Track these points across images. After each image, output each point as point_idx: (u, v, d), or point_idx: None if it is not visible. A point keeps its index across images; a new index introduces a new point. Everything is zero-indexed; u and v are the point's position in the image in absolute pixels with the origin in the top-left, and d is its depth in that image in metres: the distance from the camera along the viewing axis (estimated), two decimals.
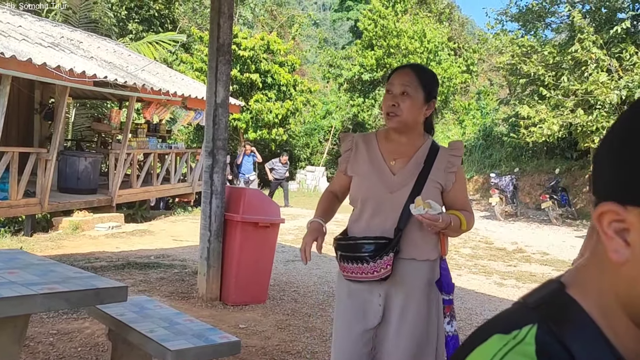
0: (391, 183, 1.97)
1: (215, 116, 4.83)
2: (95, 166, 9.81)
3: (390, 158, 2.02)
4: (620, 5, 12.63)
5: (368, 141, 2.08)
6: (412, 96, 1.94)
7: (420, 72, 1.99)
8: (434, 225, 1.83)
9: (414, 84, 1.94)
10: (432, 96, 1.98)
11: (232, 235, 4.96)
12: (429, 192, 1.93)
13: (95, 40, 12.01)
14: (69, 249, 7.23)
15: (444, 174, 1.98)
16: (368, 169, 2.02)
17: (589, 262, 0.62)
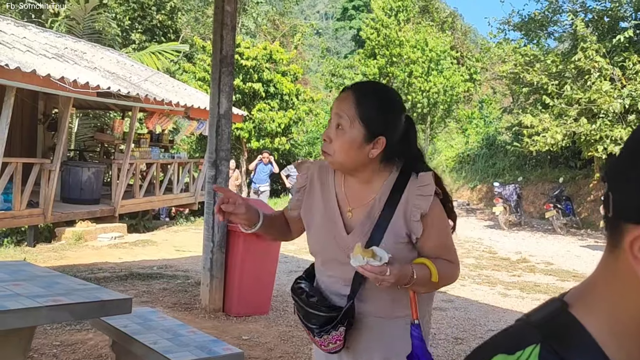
0: (345, 242, 1.54)
1: (218, 127, 4.84)
2: (98, 176, 9.82)
3: (347, 206, 1.58)
4: (623, 14, 12.65)
5: (324, 177, 1.63)
6: (347, 132, 1.46)
7: (364, 99, 1.48)
8: (380, 280, 1.39)
9: (350, 114, 1.46)
10: (378, 133, 1.47)
11: (235, 246, 4.95)
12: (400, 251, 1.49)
13: (98, 51, 12.08)
14: (72, 260, 7.23)
15: (409, 223, 1.50)
16: (320, 220, 1.61)
17: (597, 282, 0.62)
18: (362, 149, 1.47)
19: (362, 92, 1.50)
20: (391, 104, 1.51)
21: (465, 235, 11.85)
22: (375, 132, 1.46)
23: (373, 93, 1.53)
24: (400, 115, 1.53)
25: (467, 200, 16.88)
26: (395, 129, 1.50)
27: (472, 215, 15.39)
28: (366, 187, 1.56)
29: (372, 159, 1.49)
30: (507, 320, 5.32)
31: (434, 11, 24.74)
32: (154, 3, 19.69)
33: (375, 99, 1.50)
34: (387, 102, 1.50)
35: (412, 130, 1.56)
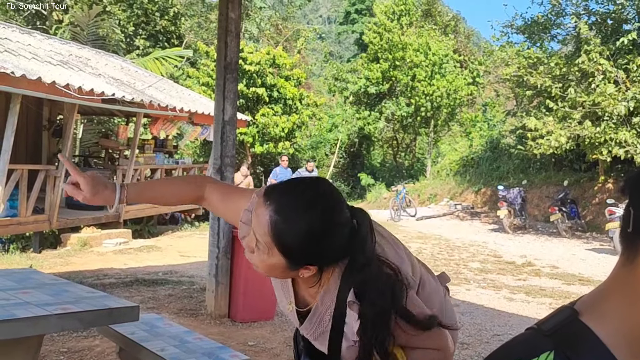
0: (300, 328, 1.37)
1: (223, 133, 4.85)
2: None
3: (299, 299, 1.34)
4: (626, 17, 12.65)
5: None
6: (266, 257, 1.17)
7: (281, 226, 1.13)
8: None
9: (267, 241, 1.15)
10: (304, 263, 1.17)
11: (240, 252, 4.96)
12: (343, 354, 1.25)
13: (103, 57, 12.13)
14: (78, 266, 7.25)
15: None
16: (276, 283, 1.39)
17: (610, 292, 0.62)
18: (288, 273, 1.21)
19: (281, 214, 1.13)
20: (322, 225, 1.14)
21: (469, 239, 11.84)
22: (299, 263, 1.17)
23: (296, 216, 1.14)
24: (336, 232, 1.16)
25: (472, 203, 16.86)
26: (329, 252, 1.18)
27: (476, 218, 15.37)
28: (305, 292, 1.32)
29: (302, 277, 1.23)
30: (513, 324, 5.31)
31: (437, 15, 24.75)
32: (157, 9, 19.78)
33: (298, 225, 1.13)
34: (316, 226, 1.13)
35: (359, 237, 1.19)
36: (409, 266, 1.30)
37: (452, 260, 9.06)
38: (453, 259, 9.20)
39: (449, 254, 9.80)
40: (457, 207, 16.33)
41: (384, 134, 22.54)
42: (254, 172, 18.80)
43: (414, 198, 16.84)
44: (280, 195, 1.17)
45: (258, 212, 1.16)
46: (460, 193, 17.64)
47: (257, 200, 1.20)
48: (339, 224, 1.16)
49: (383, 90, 20.70)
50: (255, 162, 19.31)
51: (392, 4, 21.90)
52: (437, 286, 1.44)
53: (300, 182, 1.22)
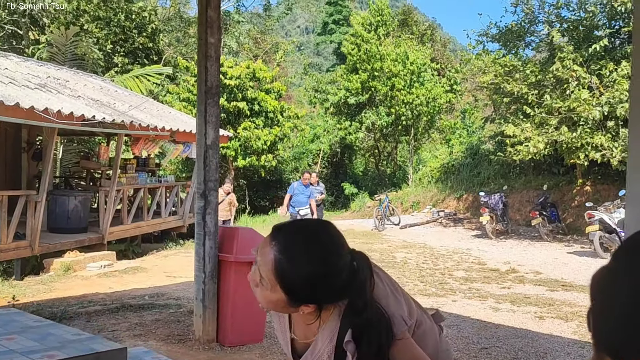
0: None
1: (205, 158, 4.87)
2: (85, 204, 9.78)
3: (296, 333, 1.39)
4: (597, 24, 12.93)
5: None
6: (269, 293, 1.23)
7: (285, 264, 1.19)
8: None
9: (270, 277, 1.21)
10: (305, 302, 1.23)
11: (226, 275, 4.96)
12: None
13: (81, 78, 12.06)
14: (61, 292, 7.17)
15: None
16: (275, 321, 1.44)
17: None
18: (289, 309, 1.26)
19: (285, 254, 1.19)
20: (324, 268, 1.20)
21: (453, 246, 11.95)
22: (299, 301, 1.22)
23: (299, 257, 1.20)
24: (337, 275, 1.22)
25: (454, 210, 17.01)
26: (329, 293, 1.23)
27: (459, 225, 15.51)
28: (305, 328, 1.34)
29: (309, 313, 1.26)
30: (500, 336, 5.38)
31: (413, 24, 25.03)
32: (135, 26, 19.72)
33: (301, 266, 1.19)
34: (318, 269, 1.20)
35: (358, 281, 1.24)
36: (405, 307, 1.33)
37: (437, 270, 9.14)
38: (438, 269, 9.28)
39: (434, 263, 9.88)
40: (440, 214, 16.46)
41: (365, 143, 22.69)
42: (237, 185, 18.78)
43: (397, 206, 16.95)
44: (285, 236, 1.23)
45: (264, 250, 1.23)
46: (443, 200, 17.79)
47: (265, 239, 1.26)
48: (340, 268, 1.22)
49: (363, 100, 20.85)
50: (239, 176, 19.29)
51: (368, 15, 22.11)
52: (432, 325, 1.47)
53: (305, 225, 1.33)
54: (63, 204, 9.44)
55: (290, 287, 1.20)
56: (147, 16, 19.93)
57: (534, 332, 5.59)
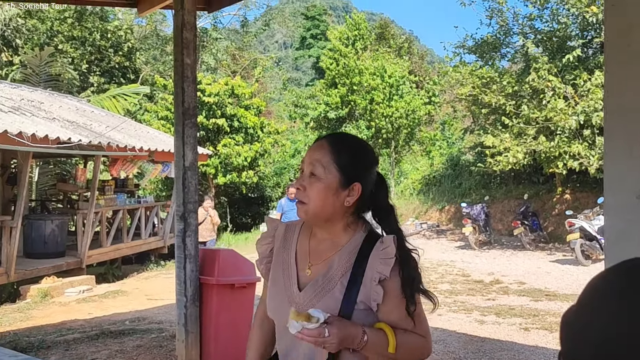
0: (295, 300, 1.44)
1: (184, 179, 4.78)
2: (62, 228, 9.57)
3: (305, 263, 1.49)
4: (570, 34, 13.17)
5: (289, 234, 1.56)
6: (322, 178, 1.43)
7: (339, 146, 1.47)
8: (321, 343, 1.30)
9: (325, 162, 1.44)
10: (354, 179, 1.44)
11: (208, 298, 4.87)
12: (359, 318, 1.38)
13: (56, 100, 11.88)
14: (39, 320, 6.98)
15: (369, 288, 1.39)
16: (278, 276, 1.52)
17: None
18: (338, 196, 1.43)
19: (336, 140, 1.50)
20: (366, 153, 1.51)
21: (437, 258, 11.95)
22: (351, 178, 1.44)
23: (348, 142, 1.53)
24: (373, 166, 1.52)
25: (437, 221, 17.06)
26: (369, 177, 1.48)
27: (442, 236, 15.55)
28: (331, 242, 1.48)
29: (347, 207, 1.45)
30: (486, 350, 5.35)
31: (390, 37, 25.27)
32: (110, 45, 19.57)
33: (350, 146, 1.50)
34: (362, 151, 1.50)
35: (383, 185, 1.52)
36: None
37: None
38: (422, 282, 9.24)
39: None
40: (423, 226, 16.49)
41: None
42: (218, 203, 18.61)
43: None
44: (334, 135, 1.58)
45: (314, 147, 1.49)
46: (425, 211, 17.85)
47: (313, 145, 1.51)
48: (373, 161, 1.53)
49: (342, 114, 20.92)
50: (220, 193, 19.13)
51: (345, 30, 22.27)
52: None
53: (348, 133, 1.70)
54: (39, 228, 9.23)
55: (343, 162, 1.44)
56: (123, 35, 19.80)
57: (519, 345, 5.57)
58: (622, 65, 2.30)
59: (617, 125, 2.30)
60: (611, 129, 2.42)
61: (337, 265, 1.43)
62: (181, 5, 4.70)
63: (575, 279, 9.06)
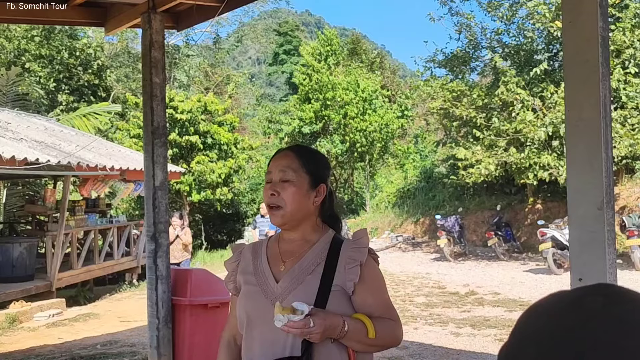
0: (273, 291, 1.54)
1: (154, 199, 4.72)
2: (31, 251, 9.34)
3: (278, 261, 1.60)
4: (536, 48, 13.50)
5: (256, 248, 1.68)
6: (294, 182, 1.56)
7: (303, 153, 1.63)
8: (306, 333, 1.40)
9: (294, 167, 1.58)
10: (320, 181, 1.61)
11: (181, 319, 4.78)
12: (335, 302, 1.49)
13: (24, 119, 11.66)
14: (6, 346, 6.77)
15: (344, 273, 1.53)
16: (250, 279, 1.61)
17: None
18: (309, 197, 1.58)
19: (300, 149, 1.67)
20: (324, 159, 1.72)
21: (413, 271, 11.99)
22: (317, 180, 1.60)
23: (309, 149, 1.72)
24: (330, 170, 1.73)
25: (412, 234, 17.15)
26: (328, 180, 1.67)
27: (418, 249, 15.63)
28: (303, 241, 1.61)
29: (314, 207, 1.61)
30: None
31: (362, 52, 25.54)
32: (79, 63, 19.34)
33: (312, 152, 1.70)
34: (321, 157, 1.73)
35: (332, 195, 1.69)
36: None
37: (398, 297, 9.12)
38: (399, 295, 9.26)
39: (394, 289, 9.85)
40: (398, 238, 16.56)
41: None
42: (193, 220, 18.41)
43: None
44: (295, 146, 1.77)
45: (281, 156, 1.63)
46: (401, 224, 17.93)
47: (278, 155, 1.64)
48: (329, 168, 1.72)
49: (317, 129, 20.99)
50: (194, 210, 18.95)
51: (318, 45, 22.43)
52: None
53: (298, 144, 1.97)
54: (7, 251, 8.99)
55: (309, 166, 1.60)
56: (93, 53, 19.59)
57: (494, 356, 5.59)
58: (581, 80, 2.37)
59: (578, 138, 2.36)
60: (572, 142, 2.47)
61: (311, 257, 1.57)
62: (149, 25, 4.68)
63: (548, 288, 9.18)
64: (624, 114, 11.94)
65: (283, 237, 1.65)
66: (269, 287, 1.55)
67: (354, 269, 1.53)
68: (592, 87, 2.37)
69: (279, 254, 1.62)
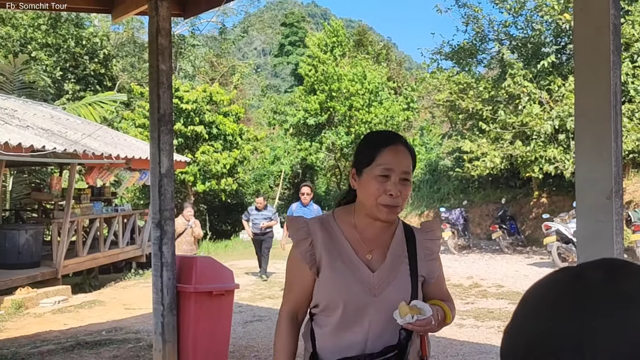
0: (369, 281, 1.58)
1: (160, 187, 4.73)
2: (37, 238, 9.39)
3: (362, 249, 1.61)
4: (544, 41, 13.41)
5: (327, 227, 1.64)
6: (410, 181, 1.60)
7: (412, 154, 1.63)
8: (427, 330, 1.55)
9: (410, 167, 1.61)
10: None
11: (186, 306, 4.80)
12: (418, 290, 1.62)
13: (30, 107, 11.68)
14: (12, 332, 6.82)
15: (425, 264, 1.64)
16: (338, 265, 1.60)
17: None
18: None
19: (408, 146, 1.64)
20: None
21: None
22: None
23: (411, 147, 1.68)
24: None
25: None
26: None
27: None
28: (383, 231, 1.63)
29: None
30: (465, 353, 5.38)
31: (369, 44, 25.41)
32: (86, 52, 19.33)
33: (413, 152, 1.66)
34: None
35: None
36: None
37: None
38: None
39: None
40: None
41: (326, 163, 22.73)
42: (197, 211, 18.45)
43: None
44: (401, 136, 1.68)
45: (400, 150, 1.59)
46: (405, 217, 17.91)
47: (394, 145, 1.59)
48: None
49: (322, 121, 20.94)
50: (199, 200, 18.98)
51: (324, 36, 22.34)
52: None
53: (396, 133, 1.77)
54: (13, 238, 9.04)
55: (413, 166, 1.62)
56: (99, 42, 19.58)
57: (497, 347, 5.58)
58: (591, 69, 2.35)
59: (587, 127, 2.34)
60: (581, 131, 2.46)
61: (395, 247, 1.63)
62: (156, 12, 4.66)
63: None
64: (632, 107, 11.85)
65: (360, 225, 1.63)
66: (363, 277, 1.58)
67: (434, 262, 1.66)
68: (602, 75, 2.35)
69: (359, 240, 1.62)
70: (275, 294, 8.92)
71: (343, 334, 1.57)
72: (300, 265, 1.63)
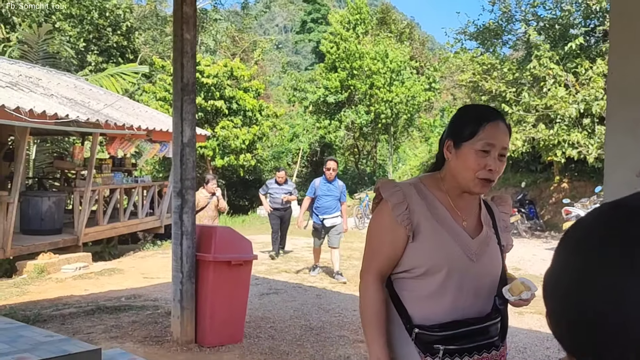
0: (472, 249, 1.61)
1: (182, 156, 4.77)
2: (59, 205, 9.55)
3: (456, 215, 1.64)
4: (573, 22, 13.09)
5: (421, 193, 1.64)
6: (505, 158, 1.63)
7: (510, 129, 1.67)
8: (527, 305, 1.63)
9: (509, 144, 1.65)
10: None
11: (204, 275, 4.87)
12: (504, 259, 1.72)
13: (54, 77, 11.79)
14: (35, 295, 6.98)
15: (504, 235, 1.73)
16: (436, 229, 1.61)
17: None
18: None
19: (506, 123, 1.65)
20: None
21: None
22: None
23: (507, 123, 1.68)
24: None
25: None
26: None
27: None
28: (473, 202, 1.70)
29: None
30: None
31: (392, 23, 25.08)
32: (109, 24, 19.38)
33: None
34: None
35: None
36: None
37: None
38: None
39: None
40: None
41: (344, 142, 22.67)
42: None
43: None
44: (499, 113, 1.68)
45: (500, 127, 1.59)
46: None
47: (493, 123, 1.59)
48: None
49: (342, 99, 20.82)
50: (217, 175, 19.09)
51: (347, 13, 22.09)
52: None
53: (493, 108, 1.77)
54: (36, 205, 9.20)
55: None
56: (122, 14, 19.61)
57: (513, 328, 5.60)
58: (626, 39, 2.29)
59: (620, 101, 2.29)
60: (613, 117, 2.41)
61: (484, 217, 1.70)
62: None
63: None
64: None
65: (452, 192, 1.65)
66: (465, 242, 1.61)
67: (508, 234, 1.76)
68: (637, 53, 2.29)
69: (453, 207, 1.65)
70: (291, 267, 8.99)
71: (440, 299, 1.57)
72: (394, 228, 1.60)
